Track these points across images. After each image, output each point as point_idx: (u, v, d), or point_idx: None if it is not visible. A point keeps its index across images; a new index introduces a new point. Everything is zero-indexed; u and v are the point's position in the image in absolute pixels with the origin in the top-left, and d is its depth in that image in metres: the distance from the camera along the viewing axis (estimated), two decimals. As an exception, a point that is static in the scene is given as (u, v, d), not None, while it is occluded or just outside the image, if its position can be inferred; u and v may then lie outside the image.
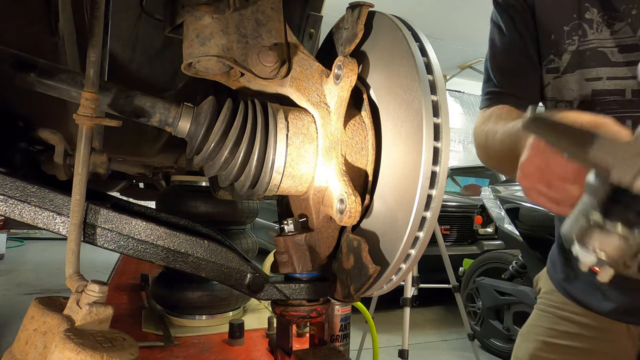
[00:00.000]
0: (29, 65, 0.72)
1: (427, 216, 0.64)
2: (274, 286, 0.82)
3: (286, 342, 0.88)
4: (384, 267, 0.68)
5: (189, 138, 0.76)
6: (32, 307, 0.65)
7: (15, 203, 0.71)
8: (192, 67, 0.78)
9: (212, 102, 0.76)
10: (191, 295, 1.66)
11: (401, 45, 0.69)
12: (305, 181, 0.77)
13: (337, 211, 0.70)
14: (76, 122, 0.71)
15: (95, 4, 0.75)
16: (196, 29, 0.74)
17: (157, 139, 1.56)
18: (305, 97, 0.76)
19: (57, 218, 0.73)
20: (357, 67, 0.71)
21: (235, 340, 1.59)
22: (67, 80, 0.73)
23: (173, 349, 1.52)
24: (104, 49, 0.91)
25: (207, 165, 0.76)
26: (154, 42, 1.26)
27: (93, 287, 0.62)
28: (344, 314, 1.50)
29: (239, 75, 0.79)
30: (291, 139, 0.74)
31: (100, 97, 0.73)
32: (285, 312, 0.84)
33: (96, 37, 0.74)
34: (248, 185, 0.75)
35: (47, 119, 0.95)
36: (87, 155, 0.72)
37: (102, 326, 0.63)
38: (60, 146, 0.87)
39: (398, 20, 0.73)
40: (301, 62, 0.78)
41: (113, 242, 0.76)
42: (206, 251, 0.79)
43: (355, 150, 0.75)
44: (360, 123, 0.76)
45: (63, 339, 0.56)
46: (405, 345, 2.56)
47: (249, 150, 0.73)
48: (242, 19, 0.76)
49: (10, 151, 0.93)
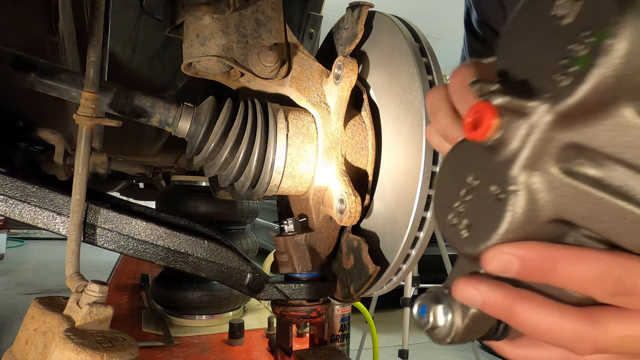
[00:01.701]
0: (29, 65, 0.72)
1: (427, 216, 0.64)
2: (274, 286, 0.82)
3: (286, 342, 0.88)
4: (383, 267, 0.68)
5: (189, 138, 0.76)
6: (32, 307, 0.65)
7: (15, 203, 0.71)
8: (192, 67, 0.78)
9: (212, 102, 0.76)
10: (191, 295, 1.66)
11: (401, 45, 0.69)
12: (305, 181, 0.77)
13: (337, 211, 0.70)
14: (76, 122, 0.71)
15: (95, 4, 0.75)
16: (196, 29, 0.74)
17: (157, 139, 1.56)
18: (305, 97, 0.76)
19: (57, 218, 0.73)
20: (357, 67, 0.71)
21: (235, 340, 1.59)
22: (67, 80, 0.73)
23: (173, 349, 1.52)
24: (104, 49, 0.91)
25: (207, 165, 0.76)
26: (154, 42, 1.26)
27: (93, 287, 0.62)
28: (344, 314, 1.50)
29: (239, 75, 0.79)
30: (291, 139, 0.74)
31: (100, 97, 0.73)
32: (285, 312, 0.84)
33: (96, 37, 0.74)
34: (248, 185, 0.75)
35: (47, 119, 0.95)
36: (87, 155, 0.72)
37: (102, 326, 0.63)
38: (60, 146, 0.87)
39: (398, 20, 0.73)
40: (301, 62, 0.78)
41: (113, 242, 0.76)
42: (206, 251, 0.79)
43: (355, 150, 0.75)
44: (360, 123, 0.76)
45: (63, 339, 0.56)
46: (405, 345, 2.56)
47: (249, 150, 0.73)
48: (242, 19, 0.76)
49: (10, 151, 0.93)
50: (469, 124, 0.28)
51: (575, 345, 0.28)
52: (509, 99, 0.26)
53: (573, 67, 0.25)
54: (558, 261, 0.27)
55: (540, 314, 0.28)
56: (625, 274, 0.26)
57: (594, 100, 0.24)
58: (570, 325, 0.27)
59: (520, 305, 0.28)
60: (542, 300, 0.28)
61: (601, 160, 0.26)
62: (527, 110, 0.26)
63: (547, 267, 0.27)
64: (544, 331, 0.28)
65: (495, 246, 0.28)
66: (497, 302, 0.28)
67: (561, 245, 0.27)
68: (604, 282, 0.26)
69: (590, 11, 0.25)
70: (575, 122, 0.26)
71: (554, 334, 0.28)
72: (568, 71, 0.25)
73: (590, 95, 0.24)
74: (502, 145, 0.27)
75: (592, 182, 0.26)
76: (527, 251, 0.27)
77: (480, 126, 0.27)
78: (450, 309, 0.31)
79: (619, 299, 0.27)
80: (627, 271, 0.26)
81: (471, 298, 0.29)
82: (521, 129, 0.27)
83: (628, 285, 0.26)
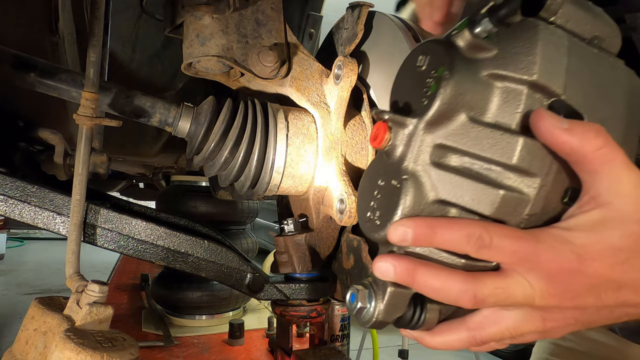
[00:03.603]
0: (29, 65, 0.72)
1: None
2: (274, 286, 0.82)
3: (286, 342, 0.88)
4: (384, 267, 0.68)
5: (189, 138, 0.76)
6: (32, 307, 0.65)
7: (15, 203, 0.71)
8: (192, 67, 0.78)
9: (212, 102, 0.76)
10: (191, 295, 1.66)
11: (401, 45, 0.69)
12: (305, 181, 0.77)
13: (337, 211, 0.70)
14: (76, 122, 0.71)
15: (95, 4, 0.75)
16: (196, 29, 0.74)
17: (157, 139, 1.56)
18: (305, 97, 0.76)
19: (57, 218, 0.73)
20: (357, 67, 0.71)
21: (235, 340, 1.59)
22: (67, 80, 0.73)
23: (173, 349, 1.52)
24: (104, 49, 0.91)
25: (207, 165, 0.76)
26: (154, 42, 1.26)
27: (93, 287, 0.62)
28: (344, 314, 1.51)
29: (239, 75, 0.79)
30: (291, 139, 0.74)
31: (100, 97, 0.73)
32: (285, 312, 0.84)
33: (96, 37, 0.74)
34: (248, 185, 0.75)
35: (47, 119, 0.95)
36: (87, 155, 0.72)
37: (103, 326, 0.63)
38: (60, 146, 0.87)
39: (398, 20, 0.73)
40: (301, 62, 0.78)
41: (113, 242, 0.76)
42: (206, 251, 0.79)
43: (355, 150, 0.75)
44: (360, 123, 0.76)
45: (63, 339, 0.56)
46: (405, 345, 2.56)
47: (249, 150, 0.73)
48: (242, 19, 0.76)
49: (10, 151, 0.93)
50: (372, 137, 0.40)
51: (460, 299, 0.37)
52: (392, 116, 0.39)
53: (429, 92, 0.38)
54: (437, 228, 0.36)
55: (435, 275, 0.37)
56: (484, 233, 0.36)
57: (443, 111, 0.37)
58: (456, 283, 0.37)
59: (420, 270, 0.37)
60: (436, 266, 0.37)
61: (457, 153, 0.38)
62: (406, 122, 0.39)
63: (430, 233, 0.36)
64: (437, 290, 0.37)
65: (394, 224, 0.37)
66: (403, 270, 0.37)
67: (441, 217, 0.38)
68: (470, 239, 0.36)
69: (433, 60, 0.40)
70: (436, 128, 0.38)
71: (445, 291, 0.37)
72: (427, 95, 0.38)
73: (441, 108, 0.37)
74: (394, 149, 0.40)
75: (454, 169, 0.38)
76: (416, 223, 0.37)
77: (378, 137, 0.39)
78: (374, 293, 0.40)
79: (483, 252, 0.36)
80: (485, 230, 0.36)
81: (386, 271, 0.37)
82: (404, 136, 0.39)
83: (487, 241, 0.35)
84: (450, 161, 0.38)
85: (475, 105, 0.38)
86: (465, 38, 0.38)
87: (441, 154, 0.38)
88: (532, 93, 0.37)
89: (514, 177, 0.36)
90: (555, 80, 0.37)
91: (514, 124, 0.37)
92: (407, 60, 0.44)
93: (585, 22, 0.40)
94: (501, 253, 0.36)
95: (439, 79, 0.37)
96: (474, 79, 0.38)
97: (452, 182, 0.37)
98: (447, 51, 0.38)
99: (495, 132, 0.37)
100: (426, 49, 0.41)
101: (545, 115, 0.36)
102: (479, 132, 0.37)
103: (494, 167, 0.37)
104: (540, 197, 0.37)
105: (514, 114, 0.37)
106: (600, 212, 0.37)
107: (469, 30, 0.37)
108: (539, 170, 0.37)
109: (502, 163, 0.37)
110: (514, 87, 0.37)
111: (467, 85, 0.37)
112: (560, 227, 0.37)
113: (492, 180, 0.37)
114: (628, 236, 0.37)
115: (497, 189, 0.36)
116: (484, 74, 0.38)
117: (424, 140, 0.38)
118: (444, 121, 0.38)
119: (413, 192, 0.38)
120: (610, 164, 0.37)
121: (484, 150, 0.37)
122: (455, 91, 0.37)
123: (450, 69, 0.37)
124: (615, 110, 0.40)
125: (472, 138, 0.37)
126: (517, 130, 0.37)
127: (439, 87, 0.37)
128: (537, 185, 0.37)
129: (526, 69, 0.37)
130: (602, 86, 0.40)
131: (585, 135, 0.36)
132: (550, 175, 0.37)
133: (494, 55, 0.38)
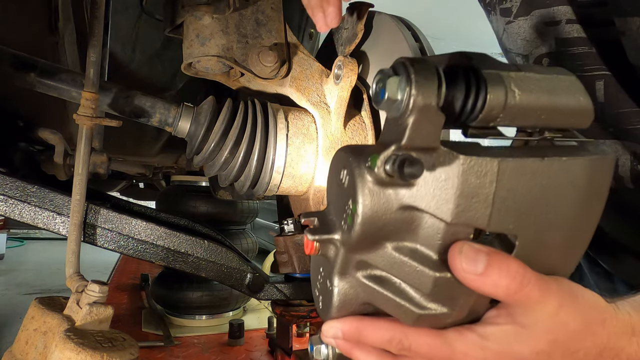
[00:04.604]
0: (29, 65, 0.72)
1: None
2: (274, 286, 0.82)
3: (286, 342, 0.88)
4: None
5: (189, 138, 0.76)
6: (32, 307, 0.65)
7: (15, 203, 0.71)
8: (192, 67, 0.78)
9: (212, 102, 0.76)
10: (191, 295, 1.66)
11: (401, 45, 0.69)
12: (305, 181, 0.77)
13: (337, 211, 0.70)
14: (76, 122, 0.71)
15: (95, 4, 0.75)
16: (196, 29, 0.74)
17: (157, 139, 1.56)
18: (305, 97, 0.76)
19: (57, 218, 0.73)
20: (357, 67, 0.71)
21: (235, 340, 1.59)
22: (67, 80, 0.73)
23: (173, 349, 1.52)
24: (104, 49, 0.91)
25: (207, 165, 0.76)
26: (154, 42, 1.26)
27: (93, 287, 0.62)
28: (344, 314, 1.50)
29: (239, 75, 0.79)
30: (291, 139, 0.74)
31: (100, 97, 0.73)
32: (285, 312, 0.84)
33: (96, 37, 0.74)
34: (248, 185, 0.75)
35: (47, 119, 0.95)
36: (87, 155, 0.72)
37: (102, 326, 0.63)
38: (60, 146, 0.87)
39: (398, 20, 0.73)
40: (301, 62, 0.78)
41: (113, 242, 0.76)
42: (206, 251, 0.79)
43: (355, 150, 0.75)
44: (360, 123, 0.76)
45: (63, 339, 0.56)
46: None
47: (249, 150, 0.73)
48: (242, 19, 0.76)
49: (10, 151, 0.93)
50: (305, 245, 0.43)
51: None
52: (319, 237, 0.41)
53: (347, 221, 0.38)
54: (363, 330, 0.42)
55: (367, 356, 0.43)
56: (404, 339, 0.40)
57: (361, 242, 0.38)
58: None
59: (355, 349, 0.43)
60: (370, 348, 0.43)
61: (380, 270, 0.40)
62: (331, 241, 0.41)
63: (358, 334, 0.42)
64: None
65: (328, 322, 0.43)
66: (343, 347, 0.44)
67: (367, 318, 0.42)
68: (391, 342, 0.41)
69: (350, 184, 0.38)
70: (358, 252, 0.40)
71: None
72: (347, 220, 0.38)
73: (359, 240, 0.38)
74: (325, 256, 0.42)
75: (378, 281, 0.40)
76: (344, 324, 0.42)
77: (308, 247, 0.42)
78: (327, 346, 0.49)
79: (403, 353, 0.41)
80: (405, 336, 0.40)
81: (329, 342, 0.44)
82: (332, 249, 0.41)
83: (406, 345, 0.40)
84: (375, 273, 0.41)
85: (393, 235, 0.38)
86: (379, 173, 0.36)
87: (365, 268, 0.41)
88: (451, 227, 0.36)
89: (432, 304, 0.38)
90: (476, 214, 0.35)
91: (434, 255, 0.37)
92: (332, 168, 0.43)
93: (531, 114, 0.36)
94: (419, 357, 0.41)
95: (353, 216, 0.37)
96: (391, 210, 0.36)
97: (374, 294, 0.40)
98: (362, 180, 0.36)
99: (413, 262, 0.38)
100: (346, 164, 0.39)
101: (458, 258, 0.36)
102: (399, 259, 0.39)
103: (413, 292, 0.39)
104: (462, 312, 0.39)
105: (433, 245, 0.37)
106: (514, 328, 0.39)
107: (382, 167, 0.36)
108: (453, 303, 0.38)
109: (420, 291, 0.38)
110: (433, 221, 0.37)
111: (384, 218, 0.37)
112: (477, 332, 0.40)
113: (412, 299, 0.39)
114: (537, 353, 0.39)
115: (416, 308, 0.38)
116: (402, 204, 0.36)
117: (349, 256, 0.40)
118: (365, 247, 0.39)
119: (342, 298, 0.42)
120: (524, 305, 0.38)
121: (404, 276, 0.39)
122: (369, 227, 0.37)
123: (364, 207, 0.36)
124: (558, 212, 0.38)
125: (392, 264, 0.39)
126: (436, 261, 0.37)
127: (354, 223, 0.37)
128: (456, 309, 0.39)
129: (444, 207, 0.35)
130: (542, 195, 0.37)
131: (499, 282, 0.36)
132: (468, 302, 0.39)
133: (411, 187, 0.36)
